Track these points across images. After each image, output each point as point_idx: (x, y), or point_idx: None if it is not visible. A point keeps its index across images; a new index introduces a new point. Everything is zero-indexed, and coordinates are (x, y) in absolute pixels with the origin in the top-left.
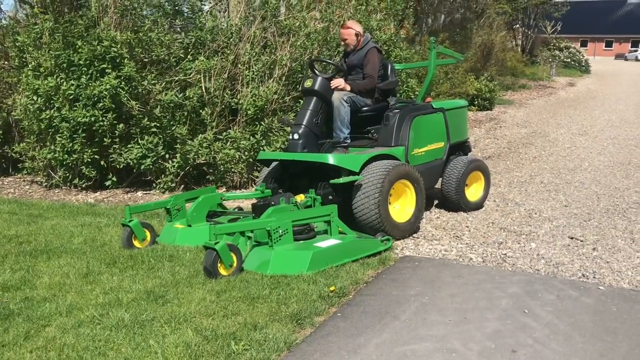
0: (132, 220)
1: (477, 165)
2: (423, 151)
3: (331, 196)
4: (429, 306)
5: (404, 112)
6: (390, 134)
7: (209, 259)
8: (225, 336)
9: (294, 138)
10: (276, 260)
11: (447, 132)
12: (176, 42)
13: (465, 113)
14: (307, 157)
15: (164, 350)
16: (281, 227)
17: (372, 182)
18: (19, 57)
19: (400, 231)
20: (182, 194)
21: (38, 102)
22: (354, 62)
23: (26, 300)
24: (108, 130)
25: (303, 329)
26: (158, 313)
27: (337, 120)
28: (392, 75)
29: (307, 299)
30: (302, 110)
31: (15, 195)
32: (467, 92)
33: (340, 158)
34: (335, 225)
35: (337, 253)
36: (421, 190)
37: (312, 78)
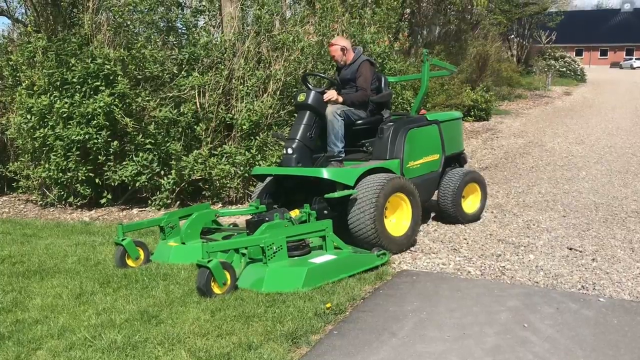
0: (125, 239)
1: (473, 177)
2: (418, 164)
3: (326, 211)
4: (427, 322)
5: (398, 124)
6: (384, 147)
7: (202, 277)
8: (219, 357)
9: (287, 153)
10: (270, 278)
11: (442, 144)
12: (170, 59)
13: (460, 125)
14: (301, 171)
15: None
16: (275, 244)
17: (367, 196)
18: (12, 76)
19: (396, 245)
20: (176, 212)
21: (32, 120)
22: (347, 77)
23: (17, 322)
24: (102, 147)
25: (299, 348)
26: (151, 334)
27: (331, 134)
28: (386, 88)
29: (303, 316)
30: (296, 124)
31: (10, 215)
32: (463, 103)
33: (334, 172)
34: (330, 241)
35: (332, 269)
36: (417, 204)
37: (305, 92)
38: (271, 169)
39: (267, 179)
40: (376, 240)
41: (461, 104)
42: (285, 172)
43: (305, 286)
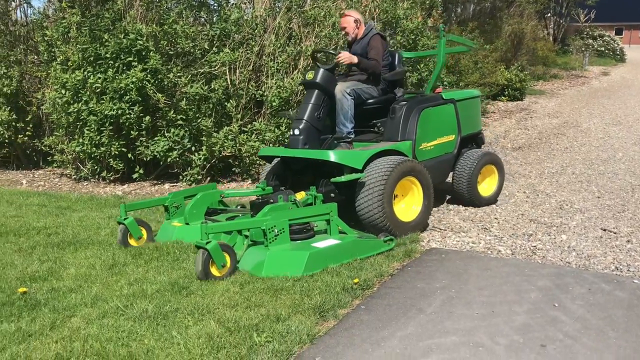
0: (127, 218)
1: (490, 159)
2: (432, 145)
3: (333, 194)
4: (455, 299)
5: (411, 104)
6: (396, 127)
7: (199, 259)
8: (247, 328)
9: (294, 134)
10: (271, 261)
11: (458, 124)
12: (201, 34)
13: (478, 103)
14: (307, 153)
15: (187, 342)
16: (277, 226)
17: (376, 180)
18: (47, 52)
19: (405, 231)
20: (181, 191)
21: (66, 95)
22: (357, 52)
23: (53, 291)
24: (135, 123)
25: (326, 322)
26: (181, 304)
27: (340, 114)
28: (399, 65)
29: (331, 291)
30: (304, 104)
31: (45, 188)
32: (497, 82)
33: (342, 155)
34: (334, 225)
35: (335, 254)
36: (429, 188)
37: (313, 70)
38: (277, 150)
39: (275, 160)
40: (384, 226)
41: (495, 83)
42: (291, 154)
43: (306, 271)
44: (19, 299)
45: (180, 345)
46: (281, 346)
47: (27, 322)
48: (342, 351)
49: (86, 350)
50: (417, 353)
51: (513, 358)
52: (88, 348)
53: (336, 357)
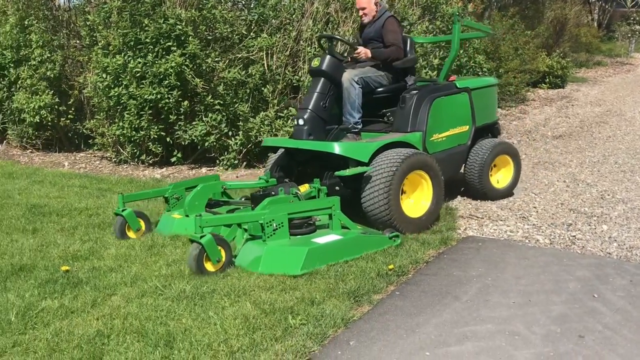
0: (125, 210)
1: (504, 149)
2: (444, 136)
3: (338, 187)
4: (491, 288)
5: (422, 92)
6: (406, 118)
7: (193, 253)
8: (282, 310)
9: (298, 124)
10: (268, 257)
11: (473, 114)
12: (239, 19)
13: (494, 92)
14: (311, 145)
15: (223, 322)
16: (275, 221)
17: (382, 174)
18: (89, 36)
19: (413, 227)
20: (182, 182)
21: (107, 79)
22: (370, 35)
23: (94, 270)
24: (173, 107)
25: (360, 306)
26: (218, 286)
27: (347, 103)
28: (411, 51)
29: (365, 276)
30: (309, 93)
31: (87, 170)
32: (538, 69)
33: (347, 147)
34: (337, 219)
35: (336, 250)
36: (439, 182)
37: (319, 57)
38: (281, 141)
39: (279, 151)
40: (390, 221)
41: (535, 70)
42: (295, 145)
43: (304, 268)
44: (61, 277)
45: (217, 326)
46: (316, 329)
47: (69, 299)
48: (376, 336)
49: (126, 327)
50: (452, 340)
51: (550, 348)
52: (128, 326)
53: (370, 341)
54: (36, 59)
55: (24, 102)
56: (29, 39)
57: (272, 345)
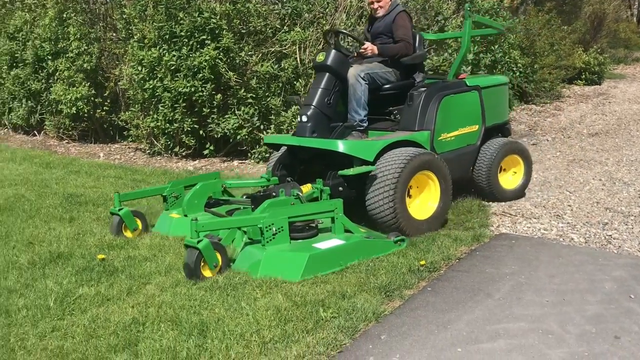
0: (121, 209)
1: (513, 148)
2: (452, 136)
3: (342, 187)
4: (524, 286)
5: (431, 90)
6: (413, 116)
7: (190, 259)
8: (314, 303)
9: (302, 120)
10: (267, 263)
11: (483, 114)
12: (273, 13)
13: (506, 91)
14: (314, 142)
15: (255, 313)
16: (275, 225)
17: (387, 175)
18: (125, 29)
19: (419, 230)
20: (181, 180)
21: (142, 72)
22: (380, 29)
23: (129, 259)
24: (207, 100)
25: (392, 301)
26: (250, 277)
27: (353, 100)
28: (420, 47)
29: (397, 271)
30: (313, 88)
31: (121, 161)
32: (574, 65)
33: (351, 145)
34: (339, 223)
35: (338, 256)
36: (447, 183)
37: (324, 51)
38: (283, 138)
39: (282, 149)
40: (395, 224)
41: (571, 66)
42: (297, 143)
43: (305, 275)
44: (98, 265)
45: (249, 316)
46: (347, 322)
47: (105, 287)
48: (407, 331)
49: (160, 315)
50: (484, 337)
51: (584, 347)
52: (162, 314)
53: (402, 336)
54: (73, 51)
55: (61, 94)
56: (67, 32)
57: (303, 337)
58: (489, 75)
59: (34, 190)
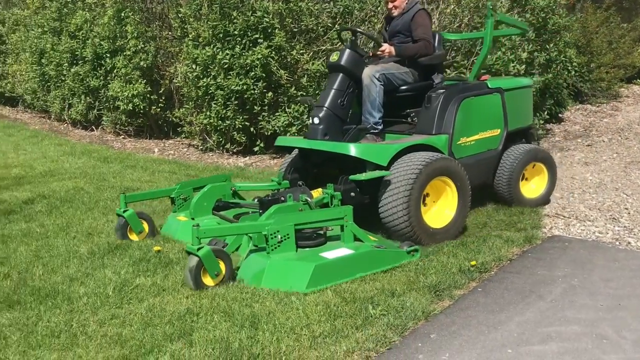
0: (127, 211)
1: (536, 156)
2: (472, 140)
3: (354, 193)
4: (578, 289)
5: (450, 92)
6: (431, 119)
7: (190, 267)
8: (363, 300)
9: (313, 122)
10: (271, 272)
11: (505, 117)
12: (325, 12)
13: (530, 94)
14: (325, 145)
15: (305, 308)
16: (280, 232)
17: (402, 180)
18: (180, 28)
19: (435, 239)
20: (189, 182)
21: (196, 70)
22: (397, 28)
23: (183, 251)
24: (258, 98)
25: (441, 301)
26: None
27: (367, 101)
28: (439, 47)
29: (447, 271)
30: (326, 89)
31: (175, 157)
32: (634, 64)
33: (364, 149)
34: (349, 231)
35: (346, 267)
36: (465, 190)
37: (339, 51)
38: (294, 140)
39: (295, 152)
40: (410, 232)
41: (631, 65)
42: (307, 146)
43: (310, 286)
44: (154, 257)
45: (299, 310)
46: (396, 320)
47: (161, 278)
48: (457, 330)
49: (214, 307)
50: (535, 339)
51: None
52: (215, 305)
53: (451, 335)
54: (131, 49)
55: (118, 91)
56: (125, 30)
57: (352, 333)
58: (512, 78)
59: (92, 184)
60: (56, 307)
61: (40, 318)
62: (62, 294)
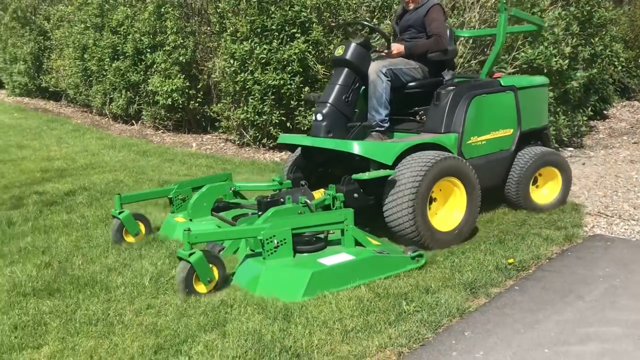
0: (122, 212)
1: (549, 160)
2: (483, 140)
3: (357, 194)
4: (619, 289)
5: (460, 89)
6: (440, 117)
7: (182, 273)
8: (396, 296)
9: (316, 119)
10: (266, 279)
11: (518, 117)
12: (363, 6)
13: (545, 93)
14: (327, 143)
15: (338, 302)
16: (277, 237)
17: (407, 180)
18: (219, 23)
19: (441, 243)
20: (187, 181)
21: (234, 65)
22: (410, 22)
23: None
24: (294, 93)
25: (477, 298)
26: None
27: (373, 97)
28: (450, 43)
29: (483, 269)
30: (330, 85)
31: (212, 151)
32: None
33: (369, 147)
34: (349, 236)
35: (346, 273)
36: (475, 191)
37: (344, 45)
38: (296, 138)
39: (298, 150)
40: (415, 236)
41: None
42: (309, 143)
43: (307, 294)
44: None
45: (332, 305)
46: (430, 317)
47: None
48: (492, 329)
49: (247, 299)
50: (574, 339)
51: None
52: (249, 298)
53: (486, 333)
54: (170, 44)
55: (157, 85)
56: (164, 26)
57: (385, 328)
58: (526, 76)
59: (131, 176)
60: (94, 296)
61: (79, 306)
62: (100, 283)
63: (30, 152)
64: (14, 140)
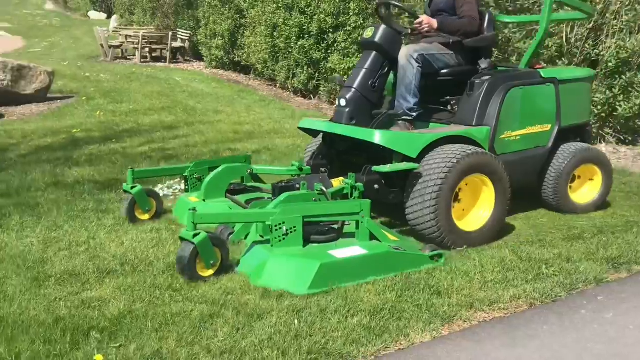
0: (135, 187)
1: (590, 156)
2: (518, 135)
3: (377, 185)
4: None
5: (496, 79)
6: (473, 108)
7: (184, 255)
8: (538, 260)
9: (340, 104)
10: (272, 268)
11: (558, 112)
12: None
13: (588, 87)
14: (347, 131)
15: (482, 259)
16: (286, 224)
17: (431, 176)
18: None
19: (466, 243)
20: (204, 161)
21: None
22: (440, 5)
23: None
24: None
25: (617, 272)
26: None
27: (402, 84)
28: (489, 28)
29: (631, 248)
30: (357, 69)
31: None
32: None
33: (392, 137)
34: (364, 228)
35: (356, 268)
36: (504, 189)
37: (373, 27)
38: (317, 124)
39: (320, 136)
40: (438, 236)
41: None
42: (328, 130)
43: (312, 288)
44: None
45: (476, 261)
46: (566, 280)
47: None
48: (627, 298)
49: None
50: None
51: None
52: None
53: (620, 300)
54: (351, 25)
55: (337, 63)
56: (348, 7)
57: (522, 284)
58: (570, 68)
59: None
60: None
61: None
62: None
63: (224, 116)
64: (212, 106)
